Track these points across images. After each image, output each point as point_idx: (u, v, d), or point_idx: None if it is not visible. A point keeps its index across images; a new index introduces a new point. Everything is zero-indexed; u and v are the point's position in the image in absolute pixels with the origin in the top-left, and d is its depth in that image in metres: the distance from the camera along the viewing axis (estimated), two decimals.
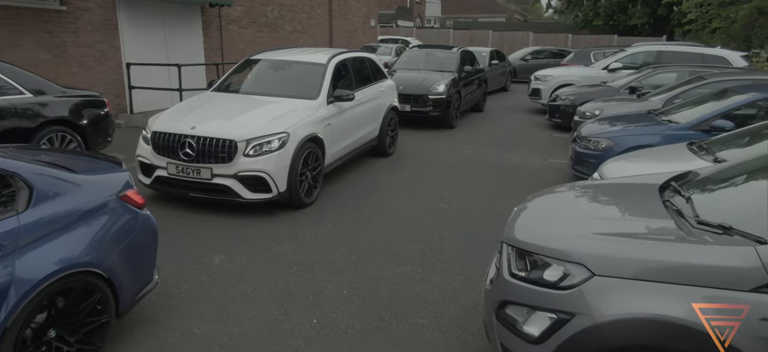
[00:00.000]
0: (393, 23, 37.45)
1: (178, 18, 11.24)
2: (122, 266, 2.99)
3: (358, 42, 19.69)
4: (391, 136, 8.25)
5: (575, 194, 3.12)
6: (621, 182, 3.35)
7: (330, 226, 5.26)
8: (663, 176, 3.16)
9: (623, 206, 2.84)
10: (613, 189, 3.17)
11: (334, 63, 6.73)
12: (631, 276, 2.16)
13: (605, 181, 3.55)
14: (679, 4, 22.43)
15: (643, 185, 3.08)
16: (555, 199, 3.12)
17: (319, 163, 5.92)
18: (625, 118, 7.05)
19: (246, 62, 7.16)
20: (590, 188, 3.26)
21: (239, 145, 5.20)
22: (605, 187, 3.26)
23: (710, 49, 12.05)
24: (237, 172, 5.21)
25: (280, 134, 5.37)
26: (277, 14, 14.63)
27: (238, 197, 5.28)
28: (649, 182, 3.12)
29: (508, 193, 6.48)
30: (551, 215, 2.88)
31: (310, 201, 5.78)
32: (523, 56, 21.48)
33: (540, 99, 12.77)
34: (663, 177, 3.15)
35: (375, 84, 7.78)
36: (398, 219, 5.49)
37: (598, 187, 3.27)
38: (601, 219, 2.65)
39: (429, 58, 12.16)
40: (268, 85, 6.64)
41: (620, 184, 3.27)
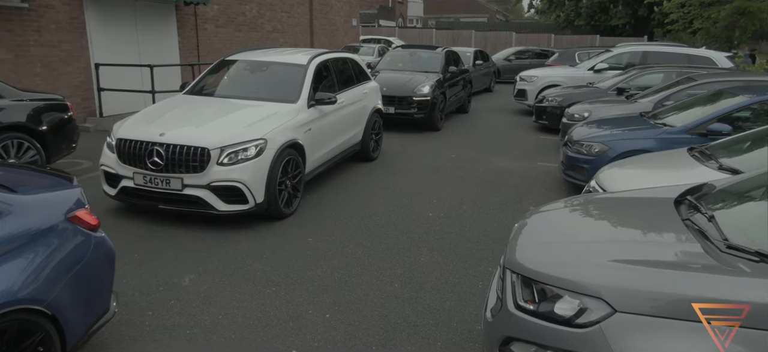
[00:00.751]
0: (375, 23, 37.13)
1: (151, 16, 10.75)
2: (70, 298, 2.59)
3: (340, 42, 19.32)
4: (375, 140, 7.92)
5: (582, 211, 2.83)
6: (629, 195, 3.06)
7: (311, 239, 4.90)
8: (676, 189, 2.89)
9: (638, 225, 2.55)
10: (622, 204, 2.88)
11: (314, 64, 6.37)
12: (660, 313, 1.87)
13: (612, 195, 3.27)
14: (660, 4, 22.54)
15: (656, 199, 2.80)
16: (560, 216, 2.82)
17: (299, 171, 5.56)
18: (617, 121, 6.83)
19: (221, 63, 6.76)
20: (596, 202, 2.97)
21: (212, 153, 4.81)
22: (613, 202, 2.97)
23: (695, 50, 11.98)
24: (210, 182, 4.83)
25: (256, 141, 5.00)
26: (256, 13, 14.18)
27: (211, 209, 4.89)
28: (661, 195, 2.84)
29: (498, 200, 6.20)
30: (559, 236, 2.57)
31: (290, 212, 5.41)
32: (507, 56, 21.34)
33: (526, 100, 12.56)
34: (676, 190, 2.87)
35: (358, 86, 7.44)
36: (384, 231, 5.16)
37: (604, 202, 2.98)
38: (617, 242, 2.36)
39: (413, 58, 11.86)
40: (244, 88, 6.25)
41: (629, 198, 2.98)
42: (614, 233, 2.50)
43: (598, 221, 2.70)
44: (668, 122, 6.03)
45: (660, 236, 2.39)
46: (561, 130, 8.89)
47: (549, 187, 6.79)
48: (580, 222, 2.70)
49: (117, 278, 3.92)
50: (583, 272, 2.12)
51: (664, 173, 4.35)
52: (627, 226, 2.58)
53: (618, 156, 5.81)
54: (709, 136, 5.46)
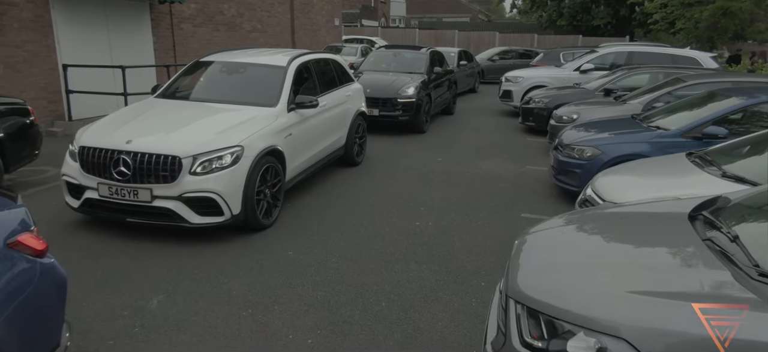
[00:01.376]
0: (357, 23, 36.80)
1: (123, 15, 10.28)
2: (11, 336, 2.24)
3: (322, 42, 18.96)
4: (359, 144, 7.63)
5: (588, 228, 2.57)
6: (637, 210, 2.82)
7: (292, 253, 4.59)
8: (688, 203, 2.65)
9: (653, 247, 2.30)
10: (631, 221, 2.64)
11: (295, 65, 6.05)
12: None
13: (618, 209, 3.02)
14: (641, 4, 22.67)
15: (668, 214, 2.56)
16: (564, 235, 2.56)
17: (279, 179, 5.24)
18: (609, 123, 6.65)
19: (195, 65, 6.39)
20: (602, 219, 2.72)
21: (184, 161, 4.46)
22: (620, 218, 2.72)
23: (680, 50, 11.94)
24: (182, 193, 4.48)
25: (232, 148, 4.66)
26: (235, 12, 13.76)
27: (183, 222, 4.54)
28: (673, 210, 2.61)
29: (488, 206, 5.95)
30: (565, 259, 2.31)
31: (269, 222, 5.09)
32: (491, 57, 21.22)
33: (511, 101, 12.39)
34: (688, 204, 2.64)
35: (341, 88, 7.14)
36: (370, 242, 4.87)
37: (611, 218, 2.73)
38: (633, 268, 2.10)
39: (397, 59, 11.60)
40: (220, 91, 5.90)
41: (637, 213, 2.74)
42: (628, 256, 2.24)
43: (608, 241, 2.45)
44: (661, 125, 5.85)
45: (681, 261, 2.14)
46: (549, 133, 8.71)
47: (540, 192, 6.57)
48: (587, 243, 2.44)
49: (75, 302, 3.59)
50: (598, 305, 1.86)
51: (665, 181, 4.14)
52: (641, 248, 2.33)
53: (611, 161, 5.63)
54: (704, 140, 5.30)
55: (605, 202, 4.01)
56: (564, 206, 5.98)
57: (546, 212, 5.77)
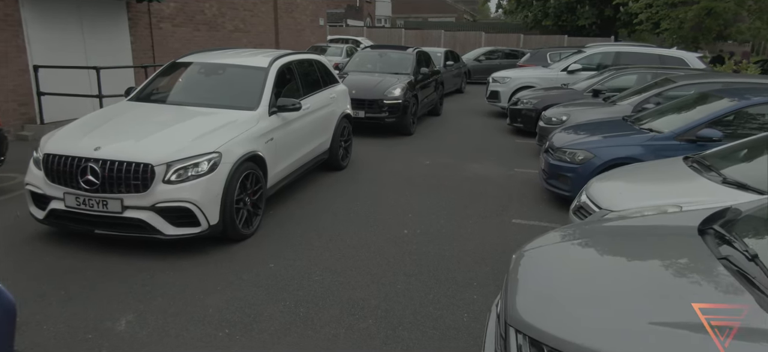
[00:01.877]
0: (342, 22, 36.52)
1: (99, 14, 9.91)
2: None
3: (307, 42, 18.67)
4: (344, 147, 7.39)
5: (592, 246, 2.38)
6: (642, 223, 2.64)
7: (273, 265, 4.34)
8: (696, 215, 2.47)
9: (666, 267, 2.11)
10: (638, 236, 2.45)
11: (276, 66, 5.79)
12: None
13: (621, 223, 2.83)
14: (625, 5, 22.75)
15: (678, 228, 2.38)
16: (567, 253, 2.36)
17: (260, 187, 4.98)
18: (600, 125, 6.50)
19: (172, 66, 6.10)
20: (605, 233, 2.53)
21: (157, 169, 4.18)
22: (626, 233, 2.53)
23: (667, 50, 11.90)
24: (155, 203, 4.20)
25: (209, 155, 4.40)
26: (216, 11, 13.42)
27: (157, 234, 4.27)
28: (681, 223, 2.43)
29: (478, 212, 5.76)
30: (571, 282, 2.11)
31: (249, 232, 4.83)
32: (477, 57, 21.10)
33: (499, 102, 12.24)
34: (696, 216, 2.46)
35: (325, 90, 6.89)
36: (356, 252, 4.64)
37: (615, 232, 2.54)
38: (649, 294, 1.90)
39: (383, 59, 11.37)
40: (197, 94, 5.63)
41: (643, 227, 2.55)
42: (640, 279, 2.05)
43: (616, 260, 2.25)
44: (654, 128, 5.71)
45: (699, 286, 1.95)
46: (538, 134, 8.57)
47: (530, 196, 6.40)
48: (592, 263, 2.24)
49: (34, 325, 3.31)
50: (615, 340, 1.65)
51: (663, 187, 3.97)
52: (653, 269, 2.13)
53: (604, 164, 5.48)
54: (698, 143, 5.17)
55: (602, 210, 3.83)
56: (555, 211, 5.82)
57: (537, 218, 5.61)
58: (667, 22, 16.52)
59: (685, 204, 3.45)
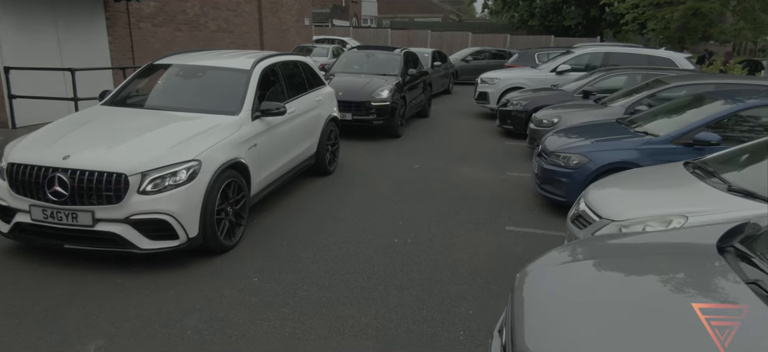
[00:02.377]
0: (328, 23, 36.22)
1: (75, 14, 9.54)
2: None
3: (292, 42, 18.37)
4: (331, 151, 7.15)
5: (606, 267, 2.18)
6: (657, 240, 2.45)
7: (257, 279, 4.09)
8: (712, 231, 2.29)
9: (691, 297, 1.92)
10: (654, 255, 2.26)
11: (260, 68, 5.54)
12: None
13: (633, 239, 2.64)
14: (611, 5, 22.83)
15: (695, 246, 2.19)
16: (577, 275, 2.16)
17: (243, 195, 4.73)
18: (593, 128, 6.36)
19: (149, 68, 5.81)
20: (618, 252, 2.34)
21: (131, 179, 3.91)
22: (640, 251, 2.34)
23: (655, 51, 11.87)
24: (129, 215, 3.93)
25: (188, 163, 4.13)
26: (199, 11, 13.08)
27: (132, 248, 3.99)
28: (698, 239, 2.25)
29: (470, 219, 5.57)
30: (585, 310, 1.91)
31: (231, 244, 4.58)
32: (464, 57, 20.98)
33: (487, 103, 12.10)
34: (713, 232, 2.28)
35: (311, 92, 6.65)
36: (344, 264, 4.41)
37: (627, 250, 2.35)
38: (678, 329, 1.71)
39: (370, 60, 11.16)
40: (176, 98, 5.36)
41: (658, 244, 2.36)
42: (665, 312, 1.84)
43: (632, 285, 2.06)
44: (649, 130, 5.58)
45: None
46: (529, 137, 8.43)
47: (523, 201, 6.22)
48: (605, 286, 2.05)
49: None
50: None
51: (666, 195, 3.81)
52: (675, 294, 1.94)
53: (599, 169, 5.33)
54: (695, 147, 5.05)
55: (602, 219, 3.66)
56: (549, 217, 5.65)
57: (532, 224, 5.43)
58: (653, 23, 16.55)
59: (691, 214, 3.29)
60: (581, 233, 3.80)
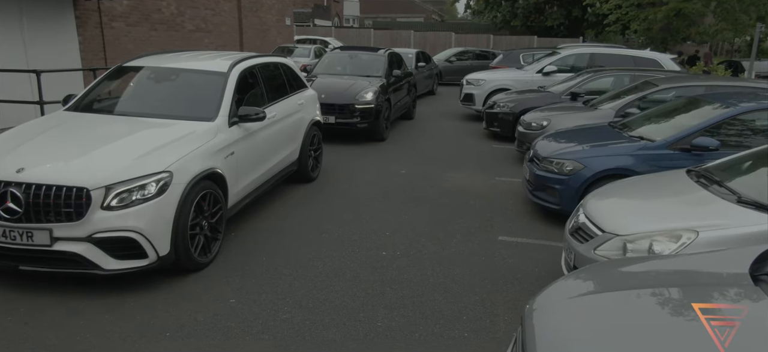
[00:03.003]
0: (310, 22, 35.78)
1: (42, 12, 9.04)
2: None
3: (273, 42, 17.96)
4: (314, 157, 6.84)
5: (627, 303, 1.93)
6: (681, 267, 2.19)
7: (234, 301, 3.77)
8: (741, 255, 2.06)
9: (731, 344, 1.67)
10: (681, 284, 2.01)
11: (237, 71, 5.20)
12: None
13: (653, 264, 2.39)
14: (593, 6, 22.88)
15: (726, 276, 1.95)
16: (594, 309, 1.90)
17: (219, 207, 4.40)
18: (585, 132, 6.16)
19: (118, 70, 5.43)
20: (634, 280, 2.09)
21: (94, 194, 3.56)
22: (664, 280, 2.09)
23: (641, 52, 11.80)
24: (92, 233, 3.58)
25: (158, 174, 3.80)
26: (175, 10, 12.62)
27: (95, 269, 3.64)
28: (726, 267, 2.01)
29: (461, 228, 5.31)
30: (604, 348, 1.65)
31: (206, 260, 4.25)
32: (448, 57, 20.79)
33: (473, 105, 11.90)
34: (742, 257, 2.05)
35: (292, 95, 6.34)
36: (329, 282, 4.11)
37: (650, 279, 2.10)
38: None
39: (353, 61, 10.86)
40: (147, 103, 5.00)
41: (685, 272, 2.11)
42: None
43: (659, 325, 1.80)
44: (644, 135, 5.39)
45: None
46: (517, 140, 8.23)
47: (514, 208, 5.99)
48: (629, 328, 1.78)
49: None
50: None
51: (672, 207, 3.59)
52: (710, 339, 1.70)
53: (594, 176, 5.13)
54: (693, 152, 4.87)
55: (605, 233, 3.43)
56: (543, 225, 5.43)
57: (525, 234, 5.20)
58: (637, 23, 16.57)
59: (701, 228, 3.07)
60: (582, 247, 3.57)
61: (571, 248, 3.70)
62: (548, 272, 4.30)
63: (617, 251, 3.32)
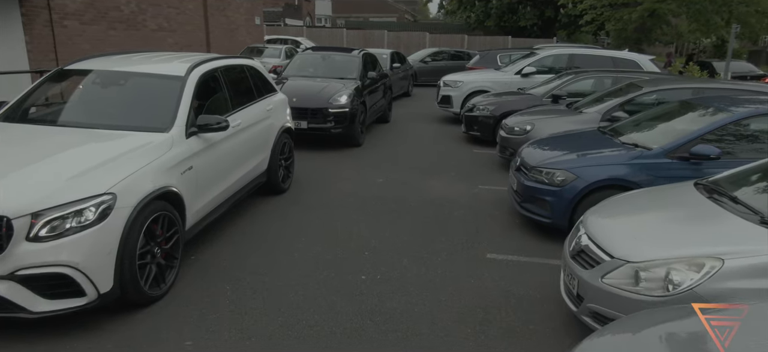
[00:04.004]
0: (281, 22, 35.01)
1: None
2: None
3: (241, 42, 17.26)
4: (285, 166, 6.32)
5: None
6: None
7: (191, 343, 3.25)
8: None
9: None
10: None
11: (196, 75, 4.65)
12: None
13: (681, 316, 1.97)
14: (565, 6, 22.90)
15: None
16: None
17: (175, 230, 3.86)
18: (575, 139, 5.81)
19: (59, 74, 4.80)
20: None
21: (16, 223, 2.99)
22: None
23: (620, 53, 11.64)
24: (16, 269, 3.01)
25: (98, 197, 3.24)
26: (135, 8, 11.87)
27: (21, 312, 3.07)
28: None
29: (445, 245, 4.89)
30: None
31: (160, 293, 3.70)
32: (423, 58, 20.43)
33: (451, 107, 11.52)
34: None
35: (260, 101, 5.81)
36: (302, 314, 3.62)
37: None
38: None
39: (326, 62, 10.34)
40: (92, 112, 4.42)
41: None
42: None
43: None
44: (638, 142, 5.06)
45: None
46: (499, 145, 7.87)
47: (501, 221, 5.60)
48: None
49: None
50: None
51: (687, 228, 3.22)
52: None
53: (588, 187, 4.78)
54: (692, 161, 4.55)
55: (614, 258, 3.03)
56: (532, 240, 5.05)
57: (514, 250, 4.80)
58: (612, 24, 16.54)
59: (728, 255, 2.71)
60: (586, 273, 3.17)
61: (573, 274, 3.30)
62: (546, 297, 3.91)
63: (628, 280, 2.93)
